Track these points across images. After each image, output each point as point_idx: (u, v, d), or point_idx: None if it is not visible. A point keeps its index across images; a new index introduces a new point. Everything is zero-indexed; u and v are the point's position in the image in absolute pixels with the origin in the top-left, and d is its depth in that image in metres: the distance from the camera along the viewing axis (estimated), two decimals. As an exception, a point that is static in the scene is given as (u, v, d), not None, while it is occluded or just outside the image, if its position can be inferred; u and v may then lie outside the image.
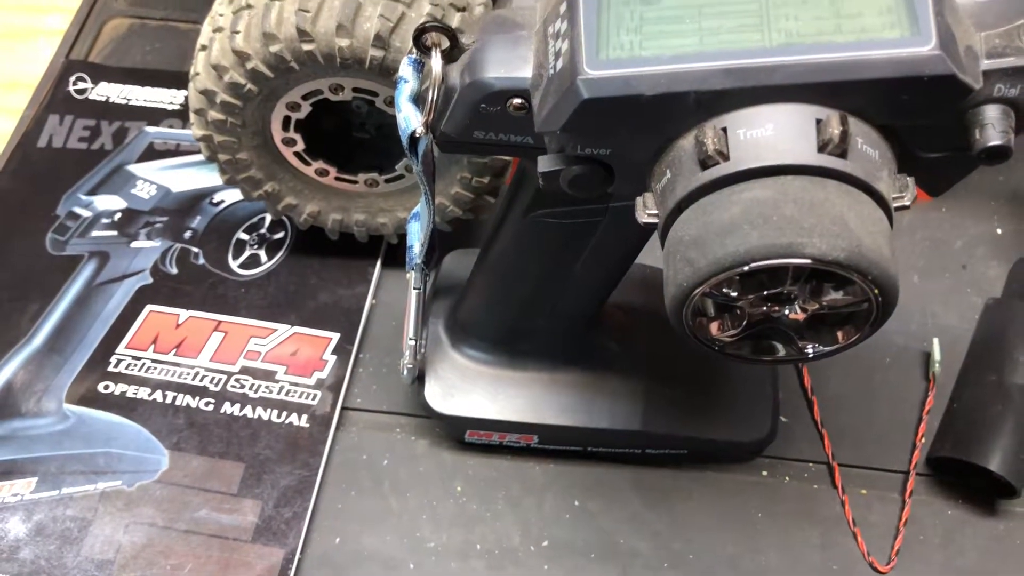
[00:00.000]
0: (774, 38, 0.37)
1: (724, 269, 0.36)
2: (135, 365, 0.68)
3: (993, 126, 0.37)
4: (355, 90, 0.60)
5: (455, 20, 0.58)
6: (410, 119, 0.46)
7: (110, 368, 0.68)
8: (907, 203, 0.38)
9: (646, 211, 0.41)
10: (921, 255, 0.76)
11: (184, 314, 0.71)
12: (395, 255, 0.74)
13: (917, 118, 0.38)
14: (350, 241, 0.72)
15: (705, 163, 0.37)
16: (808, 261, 0.35)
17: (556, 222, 0.53)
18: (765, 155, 0.36)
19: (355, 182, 0.68)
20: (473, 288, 0.61)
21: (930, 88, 0.36)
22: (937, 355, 0.68)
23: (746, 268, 0.36)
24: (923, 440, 0.67)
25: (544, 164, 0.42)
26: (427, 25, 0.43)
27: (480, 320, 0.62)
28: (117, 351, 0.69)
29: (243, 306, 0.71)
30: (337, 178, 0.67)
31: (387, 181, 0.67)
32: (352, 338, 0.70)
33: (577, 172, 0.42)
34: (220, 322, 0.70)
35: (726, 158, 0.37)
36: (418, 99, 0.46)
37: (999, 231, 0.77)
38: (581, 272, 0.55)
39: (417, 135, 0.46)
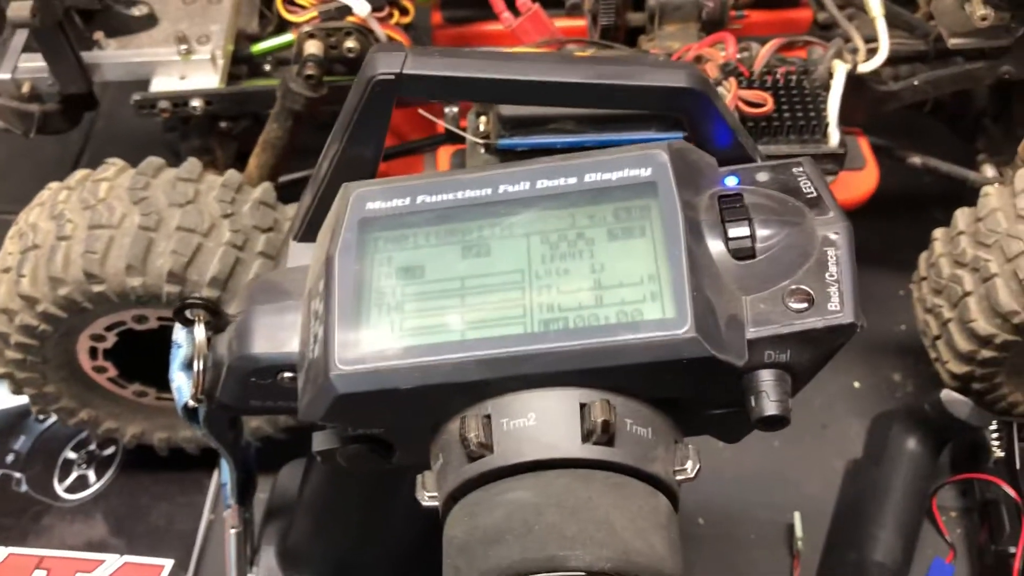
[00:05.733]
0: (535, 317, 0.35)
1: None
2: (-54, 619, 0.63)
3: (767, 395, 0.35)
4: (160, 319, 0.57)
5: (260, 243, 0.55)
6: (183, 389, 0.43)
7: (-83, 625, 0.63)
8: (691, 475, 0.36)
9: (426, 493, 0.38)
10: (780, 416, 0.74)
11: (3, 552, 0.65)
12: (235, 463, 0.70)
13: (687, 392, 0.36)
14: (184, 452, 0.68)
15: (471, 456, 0.35)
16: (575, 574, 0.33)
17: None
18: (528, 449, 0.34)
19: (179, 399, 0.64)
20: (297, 521, 0.57)
21: (691, 368, 0.34)
22: (799, 531, 0.66)
23: (513, 580, 0.33)
24: (791, 625, 0.64)
25: (318, 443, 0.39)
26: (187, 302, 0.41)
27: (310, 553, 0.58)
28: (-74, 604, 0.63)
29: (69, 536, 0.66)
30: (158, 398, 0.64)
31: (214, 396, 0.64)
32: (187, 563, 0.65)
33: (353, 451, 0.39)
34: (43, 558, 0.65)
35: (491, 450, 0.34)
36: (191, 366, 0.43)
37: (856, 385, 0.76)
38: (403, 504, 0.52)
39: (191, 406, 0.43)
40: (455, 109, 0.62)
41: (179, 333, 0.44)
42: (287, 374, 0.40)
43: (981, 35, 0.63)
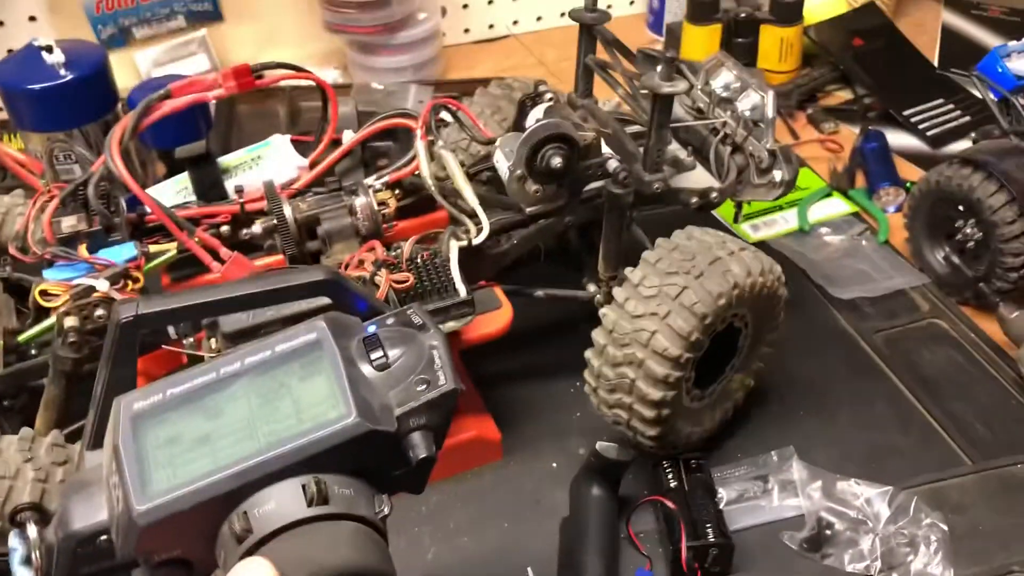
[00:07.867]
0: (260, 442, 0.54)
1: None
2: None
3: (418, 446, 0.56)
4: (-10, 557, 0.70)
5: (59, 474, 0.71)
6: (25, 580, 0.57)
7: None
8: (387, 512, 0.56)
9: (215, 587, 0.55)
10: (505, 503, 0.96)
11: None
12: None
13: (373, 460, 0.56)
14: None
15: (239, 539, 0.53)
16: None
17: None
18: (274, 521, 0.53)
19: None
20: None
21: (363, 442, 0.54)
22: (533, 579, 0.87)
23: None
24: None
25: (137, 573, 0.56)
26: (18, 507, 0.56)
27: None
28: None
29: None
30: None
31: None
32: None
33: (163, 574, 0.55)
34: None
35: (251, 532, 0.52)
36: (29, 560, 0.58)
37: (554, 465, 0.99)
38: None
39: (26, 587, 0.57)
40: (191, 339, 0.82)
41: (13, 540, 0.59)
42: (103, 537, 0.56)
43: (542, 202, 0.92)
